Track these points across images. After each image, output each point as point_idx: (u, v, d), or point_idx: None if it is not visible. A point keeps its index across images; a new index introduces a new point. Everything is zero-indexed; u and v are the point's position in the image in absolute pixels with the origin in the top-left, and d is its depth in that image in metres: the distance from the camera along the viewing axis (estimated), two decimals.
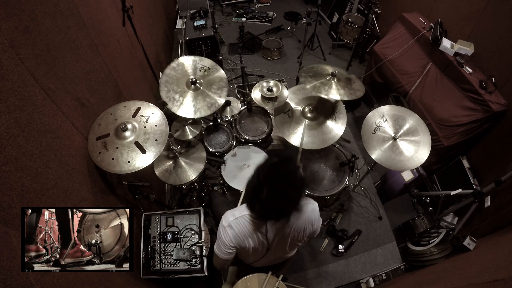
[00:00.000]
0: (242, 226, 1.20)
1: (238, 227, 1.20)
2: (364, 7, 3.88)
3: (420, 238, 2.33)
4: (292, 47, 4.38)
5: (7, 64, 0.95)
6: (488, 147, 2.31)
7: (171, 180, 1.88)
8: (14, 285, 0.84)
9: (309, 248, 2.47)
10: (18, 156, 0.95)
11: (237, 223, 1.20)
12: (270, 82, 2.11)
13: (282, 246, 1.32)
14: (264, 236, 1.22)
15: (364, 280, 2.32)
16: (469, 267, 1.59)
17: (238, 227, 1.20)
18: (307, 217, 1.25)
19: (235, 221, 1.20)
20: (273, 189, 1.03)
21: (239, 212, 1.22)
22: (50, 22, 1.22)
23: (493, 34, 2.19)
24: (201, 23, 3.46)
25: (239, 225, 1.20)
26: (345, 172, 2.17)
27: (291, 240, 1.29)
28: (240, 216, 1.20)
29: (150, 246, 1.65)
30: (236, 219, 1.20)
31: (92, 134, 1.43)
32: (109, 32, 1.91)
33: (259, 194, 1.05)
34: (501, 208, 1.91)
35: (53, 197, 1.10)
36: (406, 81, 2.76)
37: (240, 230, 1.20)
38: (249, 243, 1.24)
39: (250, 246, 1.25)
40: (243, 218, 1.20)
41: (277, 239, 1.26)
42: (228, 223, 1.21)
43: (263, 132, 2.38)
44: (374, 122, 1.92)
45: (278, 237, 1.25)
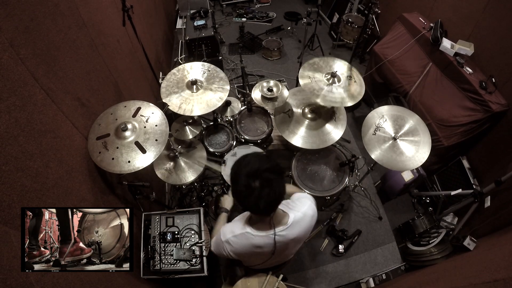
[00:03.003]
0: (243, 244, 1.17)
1: (238, 245, 1.18)
2: (364, 7, 3.88)
3: (420, 238, 2.32)
4: (292, 47, 4.38)
5: (7, 64, 0.95)
6: (488, 147, 2.31)
7: (171, 180, 1.88)
8: (14, 285, 0.84)
9: (309, 248, 2.47)
10: (18, 156, 0.95)
11: (237, 241, 1.18)
12: (270, 82, 2.11)
13: (286, 250, 1.31)
14: (272, 245, 1.17)
15: (364, 280, 2.32)
16: (469, 267, 1.59)
17: (238, 246, 1.18)
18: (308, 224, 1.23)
19: (233, 238, 1.18)
20: (264, 179, 1.00)
21: (239, 229, 1.19)
22: (50, 22, 1.22)
23: (493, 34, 2.19)
24: (201, 23, 3.46)
25: (239, 243, 1.18)
26: (345, 172, 2.17)
27: (295, 244, 1.29)
28: (239, 234, 1.17)
29: (150, 246, 1.65)
30: (235, 237, 1.18)
31: (92, 134, 1.44)
32: (109, 32, 1.91)
33: (251, 189, 1.01)
34: (501, 208, 1.91)
35: (53, 197, 1.10)
36: (406, 81, 2.76)
37: (240, 247, 1.19)
38: (250, 255, 1.23)
39: (251, 257, 1.24)
40: (244, 236, 1.16)
41: (283, 248, 1.24)
42: (226, 239, 1.20)
43: (263, 132, 2.38)
44: (374, 123, 1.92)
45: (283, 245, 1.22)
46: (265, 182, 1.01)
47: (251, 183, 1.01)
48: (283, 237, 1.17)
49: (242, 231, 1.17)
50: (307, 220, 1.22)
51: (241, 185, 1.03)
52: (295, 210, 1.21)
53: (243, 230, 1.17)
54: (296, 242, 1.27)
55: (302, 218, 1.20)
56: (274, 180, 1.02)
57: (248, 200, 1.03)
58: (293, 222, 1.17)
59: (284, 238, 1.17)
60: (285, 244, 1.21)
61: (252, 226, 1.17)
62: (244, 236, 1.17)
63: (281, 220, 1.17)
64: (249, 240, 1.16)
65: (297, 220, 1.18)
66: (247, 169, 1.03)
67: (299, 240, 1.26)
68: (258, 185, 1.00)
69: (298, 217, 1.18)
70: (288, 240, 1.19)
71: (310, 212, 1.24)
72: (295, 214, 1.18)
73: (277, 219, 1.17)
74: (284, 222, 1.16)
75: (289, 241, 1.20)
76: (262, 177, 1.01)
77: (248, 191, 1.01)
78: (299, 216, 1.19)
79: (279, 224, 1.16)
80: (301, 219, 1.19)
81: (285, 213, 1.19)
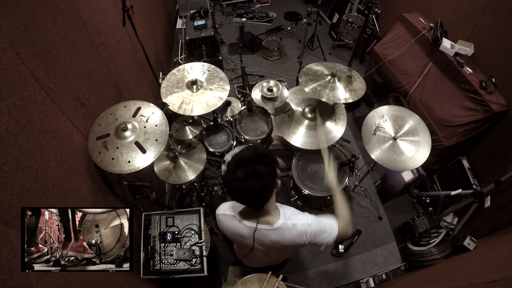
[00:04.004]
0: (227, 225, 1.24)
1: (224, 224, 1.25)
2: (364, 7, 3.88)
3: (420, 238, 2.32)
4: (292, 47, 4.38)
5: (7, 64, 0.95)
6: (488, 147, 2.31)
7: (171, 180, 1.88)
8: (14, 285, 0.84)
9: (309, 248, 2.47)
10: (18, 155, 0.95)
11: (224, 221, 1.24)
12: (270, 82, 2.11)
13: (266, 253, 1.28)
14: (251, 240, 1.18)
15: (364, 280, 2.32)
16: (469, 267, 1.59)
17: (224, 225, 1.25)
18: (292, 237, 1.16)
19: (222, 217, 1.25)
20: (250, 170, 1.00)
21: (230, 210, 1.23)
22: (50, 22, 1.22)
23: (493, 34, 2.19)
24: (201, 23, 3.46)
25: (225, 223, 1.24)
26: (345, 172, 2.17)
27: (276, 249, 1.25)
28: (229, 214, 1.23)
29: (150, 246, 1.65)
30: (224, 216, 1.24)
31: (92, 134, 1.43)
32: (109, 32, 1.91)
33: (236, 178, 1.01)
34: (501, 208, 1.91)
35: (53, 197, 1.10)
36: (406, 81, 2.76)
37: (225, 227, 1.26)
38: (233, 237, 1.29)
39: (235, 240, 1.30)
40: (230, 218, 1.22)
41: (261, 246, 1.22)
42: (218, 213, 1.27)
43: (263, 132, 2.38)
44: (374, 123, 1.93)
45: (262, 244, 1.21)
46: (251, 173, 1.00)
47: (237, 172, 1.01)
48: (263, 236, 1.16)
49: (231, 213, 1.22)
50: (293, 233, 1.14)
51: (229, 172, 1.04)
52: (291, 219, 1.16)
53: (232, 213, 1.21)
54: (278, 249, 1.22)
55: (289, 229, 1.14)
56: (261, 173, 1.00)
57: (233, 188, 1.04)
58: (279, 227, 1.13)
59: (263, 237, 1.17)
60: (263, 244, 1.20)
61: (241, 213, 1.20)
62: (229, 218, 1.22)
63: (269, 220, 1.14)
64: (233, 225, 1.21)
65: (284, 228, 1.14)
66: (237, 158, 1.04)
67: (281, 247, 1.20)
68: (243, 175, 1.00)
69: (285, 226, 1.14)
70: (267, 240, 1.17)
71: (301, 228, 1.14)
72: (286, 222, 1.14)
73: (266, 218, 1.14)
74: (271, 223, 1.14)
75: (268, 243, 1.18)
76: (249, 168, 1.00)
77: (234, 180, 1.01)
78: (287, 226, 1.14)
79: (265, 223, 1.14)
80: (288, 229, 1.14)
81: (276, 216, 1.15)
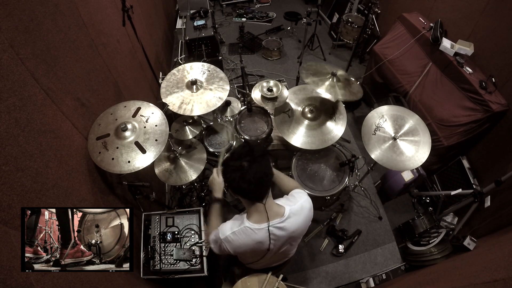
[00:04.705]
0: (242, 239, 1.19)
1: (238, 242, 1.19)
2: (364, 7, 3.88)
3: (420, 238, 2.33)
4: (292, 47, 4.38)
5: (7, 64, 0.95)
6: (488, 147, 2.31)
7: (171, 180, 1.88)
8: (14, 285, 0.84)
9: (309, 248, 2.47)
10: (18, 156, 0.95)
11: (236, 238, 1.19)
12: (270, 82, 2.11)
13: (282, 247, 1.31)
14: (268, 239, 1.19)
15: (364, 280, 2.32)
16: (469, 267, 1.59)
17: (238, 242, 1.19)
18: (305, 216, 1.24)
19: (232, 236, 1.19)
20: (251, 158, 1.12)
21: (237, 225, 1.20)
22: (50, 22, 1.22)
23: (493, 34, 2.19)
24: (201, 23, 3.46)
25: (238, 240, 1.19)
26: (345, 172, 2.16)
27: (292, 240, 1.29)
28: (238, 230, 1.18)
29: (150, 246, 1.65)
30: (234, 234, 1.19)
31: (92, 134, 1.43)
32: (109, 32, 1.91)
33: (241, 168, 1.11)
34: (501, 208, 1.91)
35: (53, 197, 1.10)
36: (406, 81, 2.76)
37: (239, 244, 1.19)
38: (250, 251, 1.24)
39: (249, 251, 1.25)
40: (243, 230, 1.18)
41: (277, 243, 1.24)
42: (225, 236, 1.20)
43: (263, 132, 2.38)
44: (374, 123, 1.93)
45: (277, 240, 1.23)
46: (252, 159, 1.12)
47: (241, 163, 1.11)
48: (280, 230, 1.18)
49: (241, 226, 1.19)
50: (305, 212, 1.23)
51: (233, 167, 1.13)
52: (291, 202, 1.23)
53: (242, 225, 1.18)
54: (293, 238, 1.27)
55: (299, 210, 1.21)
56: (259, 158, 1.14)
57: (243, 180, 1.10)
58: (289, 213, 1.18)
59: (281, 231, 1.18)
60: (281, 238, 1.21)
61: (250, 220, 1.18)
62: (243, 231, 1.18)
63: (277, 212, 1.18)
64: (248, 235, 1.18)
65: (294, 212, 1.19)
66: (236, 156, 1.16)
67: (297, 235, 1.26)
68: (246, 164, 1.11)
69: (294, 209, 1.20)
70: (285, 233, 1.19)
71: (307, 205, 1.25)
72: (291, 207, 1.20)
73: (273, 212, 1.18)
74: (281, 214, 1.18)
75: (286, 236, 1.20)
76: (249, 157, 1.13)
77: (240, 171, 1.10)
78: (296, 208, 1.20)
79: (276, 217, 1.17)
80: (298, 211, 1.21)
81: (281, 206, 1.20)
